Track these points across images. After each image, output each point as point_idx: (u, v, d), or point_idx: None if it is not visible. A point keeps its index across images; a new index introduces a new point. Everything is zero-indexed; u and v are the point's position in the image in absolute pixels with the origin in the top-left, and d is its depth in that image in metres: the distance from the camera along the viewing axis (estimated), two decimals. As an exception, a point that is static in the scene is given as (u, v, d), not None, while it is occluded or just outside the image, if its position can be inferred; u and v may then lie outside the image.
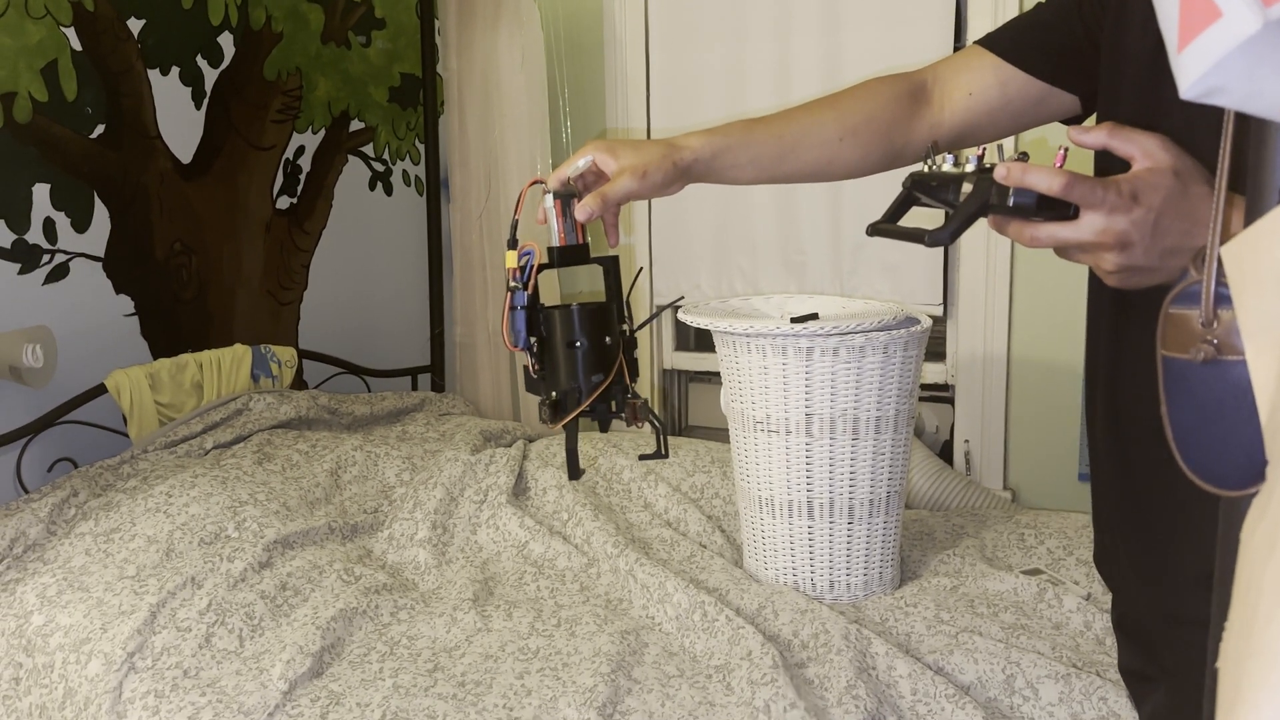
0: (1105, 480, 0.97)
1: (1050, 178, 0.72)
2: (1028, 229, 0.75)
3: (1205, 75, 0.50)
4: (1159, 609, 0.90)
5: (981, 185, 0.77)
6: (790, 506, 1.67)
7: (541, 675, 1.42)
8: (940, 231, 0.78)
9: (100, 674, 1.49)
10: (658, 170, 1.03)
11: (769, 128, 1.07)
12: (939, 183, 0.82)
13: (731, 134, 1.07)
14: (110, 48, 2.24)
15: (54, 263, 2.16)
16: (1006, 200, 0.74)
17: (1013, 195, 0.74)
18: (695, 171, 1.06)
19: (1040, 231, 0.75)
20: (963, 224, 0.78)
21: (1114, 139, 0.77)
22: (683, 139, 1.06)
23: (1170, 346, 0.59)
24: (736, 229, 2.80)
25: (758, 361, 1.65)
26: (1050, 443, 2.50)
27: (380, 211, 2.99)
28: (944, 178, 0.81)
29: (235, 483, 1.98)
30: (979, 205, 0.77)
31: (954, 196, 0.80)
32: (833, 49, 2.61)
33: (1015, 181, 0.74)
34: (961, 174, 0.80)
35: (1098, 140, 0.77)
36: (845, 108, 1.07)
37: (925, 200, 0.85)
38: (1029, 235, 0.76)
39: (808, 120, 1.07)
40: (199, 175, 2.47)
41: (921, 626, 1.53)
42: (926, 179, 0.84)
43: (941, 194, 0.81)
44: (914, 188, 0.85)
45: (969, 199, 0.78)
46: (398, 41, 3.00)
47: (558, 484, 2.09)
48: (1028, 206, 0.74)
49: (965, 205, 0.78)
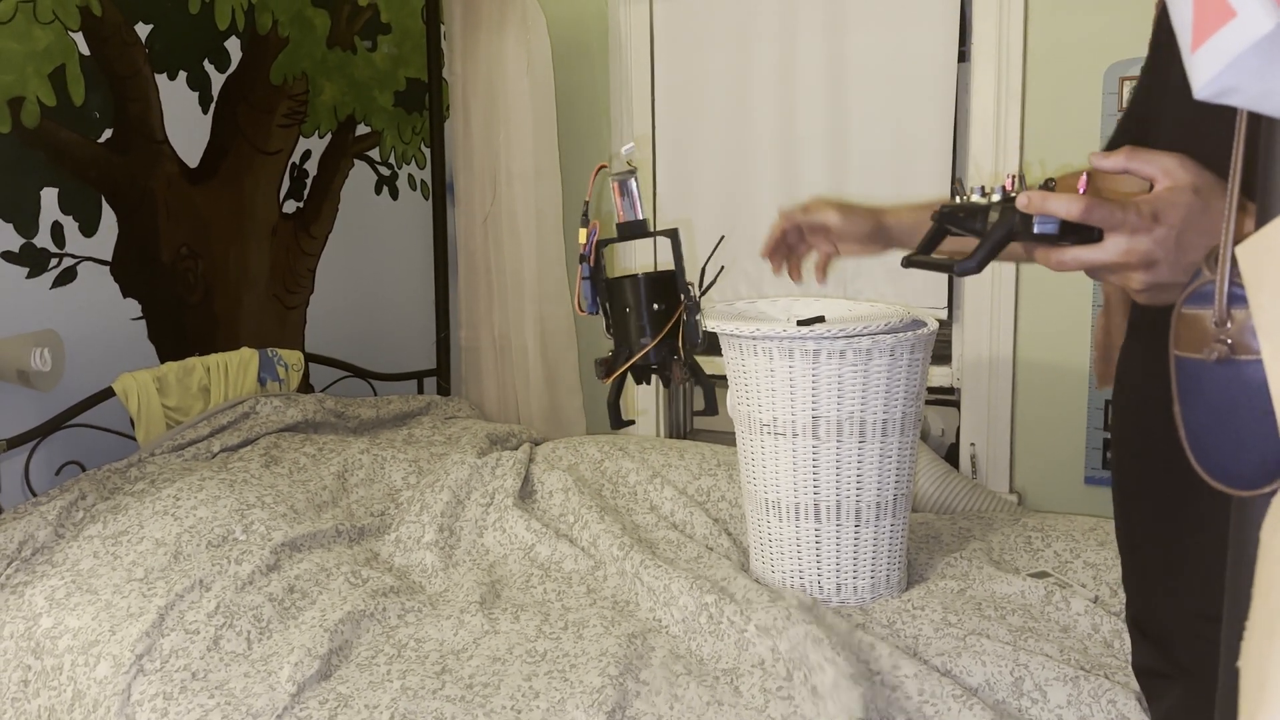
0: (1124, 477, 0.98)
1: (1070, 203, 0.75)
2: (1054, 254, 0.78)
3: (1219, 75, 0.50)
4: (1179, 606, 0.90)
5: (1006, 214, 0.80)
6: (797, 509, 1.67)
7: (549, 677, 1.42)
8: (967, 261, 0.81)
9: (109, 676, 1.49)
10: (860, 218, 1.13)
11: None
12: (967, 213, 0.85)
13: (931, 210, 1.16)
14: (117, 52, 2.25)
15: (62, 266, 2.17)
16: (1031, 228, 0.77)
17: (1036, 222, 0.77)
18: (895, 235, 1.15)
19: (1066, 256, 0.77)
20: (989, 253, 0.81)
21: (1133, 161, 0.78)
22: (893, 208, 1.16)
23: (1183, 347, 0.59)
24: (741, 234, 2.80)
25: (764, 364, 1.65)
26: (1057, 446, 2.49)
27: (386, 216, 3.00)
28: (971, 209, 0.84)
29: (243, 486, 1.98)
30: (1004, 233, 0.80)
31: (981, 226, 0.83)
32: (837, 52, 2.61)
33: (1036, 209, 0.76)
34: (988, 204, 0.83)
35: (1118, 164, 0.79)
36: None
37: (955, 231, 0.88)
38: (1055, 260, 0.78)
39: None
40: (206, 179, 2.48)
41: (929, 629, 1.52)
42: (955, 210, 0.87)
43: (970, 224, 0.84)
44: (943, 220, 0.87)
45: (994, 228, 0.81)
46: (403, 46, 3.01)
47: (563, 487, 2.09)
48: (1052, 233, 0.77)
49: (991, 234, 0.81)
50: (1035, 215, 0.77)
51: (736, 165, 2.79)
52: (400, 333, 3.05)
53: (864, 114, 2.60)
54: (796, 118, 2.68)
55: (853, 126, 2.62)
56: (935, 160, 2.52)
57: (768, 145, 2.73)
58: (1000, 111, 2.46)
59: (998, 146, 2.47)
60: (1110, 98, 2.33)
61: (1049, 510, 2.40)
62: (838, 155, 2.64)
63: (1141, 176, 0.78)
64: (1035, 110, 2.43)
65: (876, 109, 2.58)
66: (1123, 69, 2.31)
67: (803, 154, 2.69)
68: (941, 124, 2.50)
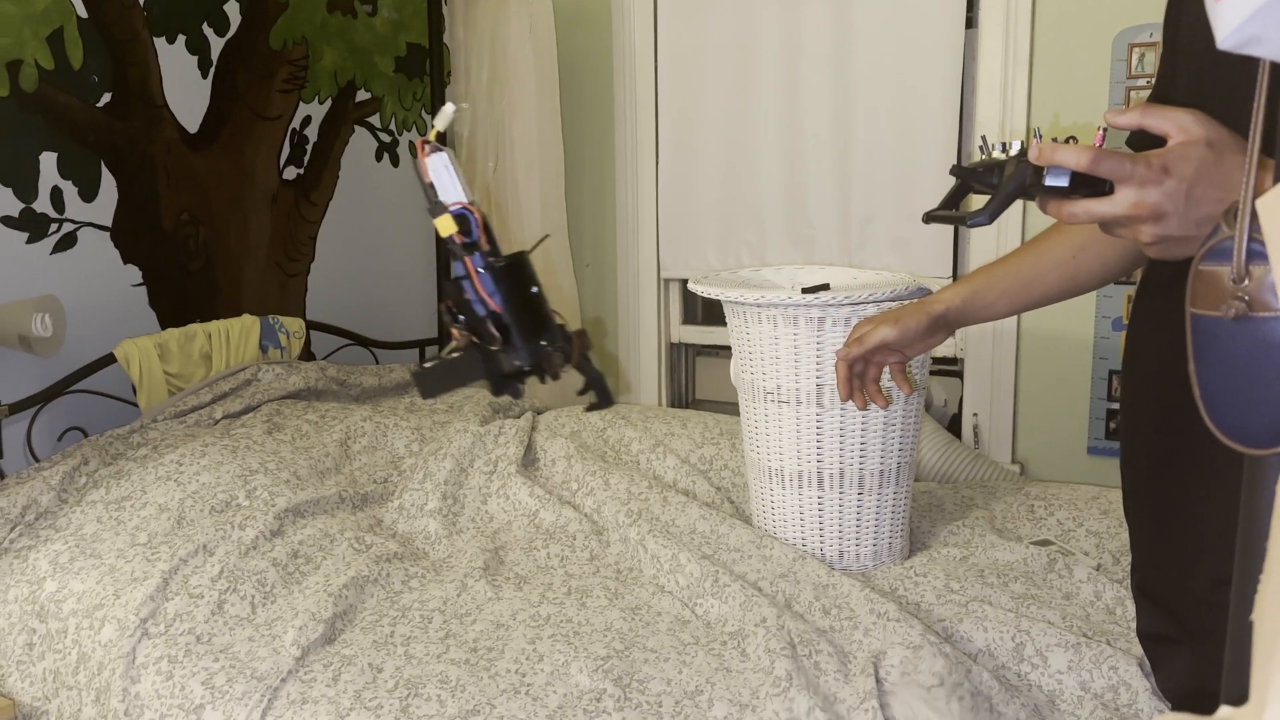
0: (1135, 440, 0.98)
1: (1078, 154, 0.75)
2: (1065, 206, 0.79)
3: (1243, 24, 0.49)
4: (1191, 571, 0.90)
5: (1019, 168, 0.81)
6: (800, 477, 1.67)
7: (553, 641, 1.42)
8: (979, 213, 0.82)
9: (113, 639, 1.50)
10: (911, 318, 1.16)
11: (1007, 265, 1.17)
12: (984, 169, 0.86)
13: (976, 280, 1.18)
14: (116, 15, 2.23)
15: (62, 232, 2.16)
16: (1042, 180, 0.78)
17: (1048, 175, 0.78)
18: (950, 318, 1.17)
19: (1077, 208, 0.78)
20: (1000, 205, 0.82)
21: (1148, 118, 0.78)
22: (935, 294, 1.19)
23: (1200, 304, 0.58)
24: (744, 203, 2.78)
25: (769, 332, 1.64)
26: (1059, 416, 2.49)
27: (387, 182, 2.98)
28: (988, 164, 0.85)
29: (245, 452, 1.98)
30: (1016, 186, 0.81)
31: (997, 180, 0.84)
32: (843, 19, 2.58)
33: (1046, 160, 0.77)
34: (1004, 159, 0.85)
35: (1133, 120, 0.79)
36: (1067, 229, 1.11)
37: (976, 187, 0.89)
38: (1066, 212, 0.79)
39: (1038, 249, 1.14)
40: (206, 145, 2.46)
41: (931, 596, 1.53)
42: (973, 166, 0.88)
43: (987, 179, 0.85)
44: (962, 175, 0.89)
45: (1006, 181, 0.82)
46: (404, 11, 2.97)
47: (566, 454, 2.09)
48: (1063, 185, 0.78)
49: (1003, 187, 0.82)
50: (1046, 168, 0.78)
51: (740, 132, 2.76)
52: (402, 300, 3.04)
53: (870, 81, 2.58)
54: (801, 84, 2.66)
55: (859, 93, 2.60)
56: (942, 128, 2.50)
57: (772, 112, 2.70)
58: (1008, 78, 2.43)
59: (1005, 113, 2.45)
60: (1119, 64, 2.31)
61: (1052, 480, 2.41)
62: (843, 122, 2.62)
63: (1155, 132, 0.78)
64: (1043, 77, 2.41)
65: (882, 75, 2.56)
66: (1132, 35, 2.29)
67: (807, 121, 2.66)
68: (948, 91, 2.48)
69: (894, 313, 1.19)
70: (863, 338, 1.19)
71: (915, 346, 1.19)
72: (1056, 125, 2.38)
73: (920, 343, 1.18)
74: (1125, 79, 2.30)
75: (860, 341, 1.19)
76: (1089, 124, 2.33)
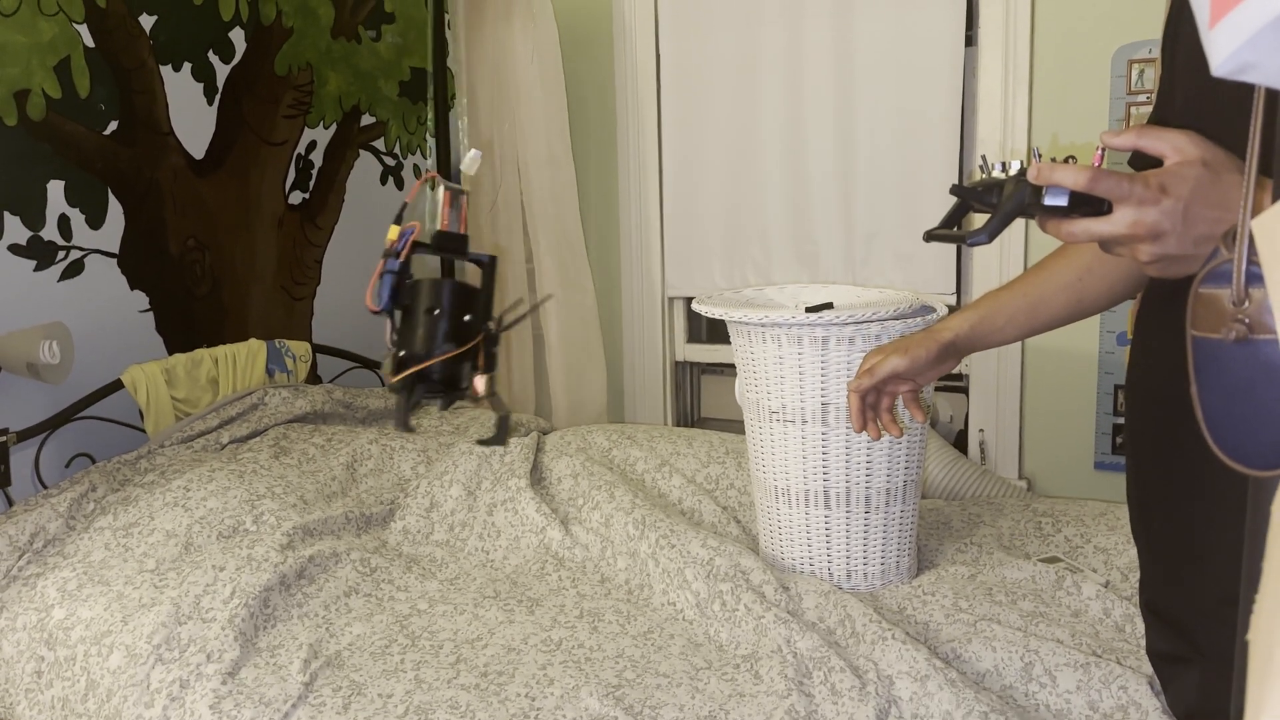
0: (1140, 455, 0.98)
1: (1077, 174, 0.76)
2: (1065, 225, 0.80)
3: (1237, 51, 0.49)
4: (1200, 590, 0.90)
5: (1019, 187, 0.82)
6: (807, 496, 1.67)
7: (564, 666, 1.42)
8: (979, 232, 0.84)
9: (122, 666, 1.50)
10: (920, 347, 1.17)
11: (1013, 290, 1.17)
12: (984, 188, 0.86)
13: (983, 306, 1.19)
14: (122, 44, 2.25)
15: (69, 259, 2.17)
16: (1041, 199, 0.79)
17: (1046, 194, 0.79)
18: (959, 345, 1.18)
19: (1076, 227, 0.79)
20: (1000, 224, 0.83)
21: (1143, 139, 0.79)
22: (942, 322, 1.20)
23: (1200, 326, 0.59)
24: (748, 221, 2.80)
25: (773, 351, 1.65)
26: (1066, 431, 2.49)
27: (392, 206, 2.99)
28: (988, 184, 0.86)
29: (252, 476, 1.98)
30: (1015, 206, 0.82)
31: (996, 199, 0.85)
32: (844, 36, 2.60)
33: (1045, 180, 0.78)
34: (1004, 179, 0.86)
35: (1128, 141, 0.80)
36: (1072, 252, 1.12)
37: (976, 206, 0.90)
38: (1066, 231, 0.80)
39: (1044, 273, 1.14)
40: (212, 171, 2.48)
41: (940, 615, 1.52)
42: (973, 185, 0.88)
43: (986, 198, 0.86)
44: (962, 194, 0.89)
45: (1006, 200, 0.83)
46: (408, 35, 3.00)
47: (572, 472, 2.09)
48: (1062, 205, 0.79)
49: (1002, 206, 0.83)
50: (1045, 187, 0.78)
51: (743, 150, 2.77)
52: (407, 323, 3.05)
53: (871, 99, 2.59)
54: (804, 102, 2.67)
55: (860, 111, 2.61)
56: (943, 144, 2.51)
57: (774, 130, 2.72)
58: (1008, 94, 2.44)
59: (1006, 129, 2.46)
60: (1119, 81, 2.32)
61: (1058, 496, 2.40)
62: (845, 139, 2.63)
63: (1151, 153, 0.79)
64: (1043, 93, 2.42)
65: (883, 93, 2.57)
66: (1131, 51, 2.30)
67: (810, 138, 2.68)
68: (949, 108, 2.49)
69: (903, 342, 1.20)
70: (873, 369, 1.20)
71: (925, 375, 1.20)
72: (1056, 144, 2.39)
73: (930, 370, 1.19)
74: (1125, 94, 2.31)
75: (871, 373, 1.20)
76: (1089, 141, 2.34)
